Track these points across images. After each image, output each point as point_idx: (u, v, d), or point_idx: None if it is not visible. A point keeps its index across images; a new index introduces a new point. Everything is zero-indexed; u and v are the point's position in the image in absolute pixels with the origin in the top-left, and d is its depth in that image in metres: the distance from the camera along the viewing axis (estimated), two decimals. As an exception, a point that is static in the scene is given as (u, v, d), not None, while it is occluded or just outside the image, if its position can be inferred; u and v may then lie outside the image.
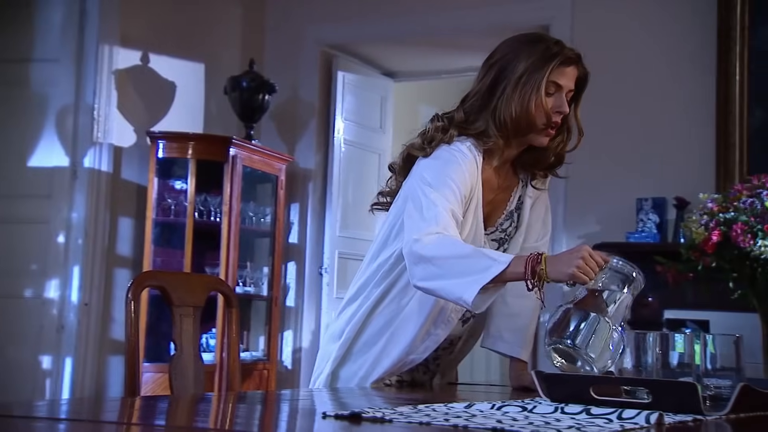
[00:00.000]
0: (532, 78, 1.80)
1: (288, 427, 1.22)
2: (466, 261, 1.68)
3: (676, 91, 4.01)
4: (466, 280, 1.65)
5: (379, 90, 5.17)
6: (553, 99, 1.83)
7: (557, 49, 1.84)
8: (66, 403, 2.26)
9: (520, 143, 1.89)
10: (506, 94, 1.81)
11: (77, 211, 4.05)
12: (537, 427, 1.05)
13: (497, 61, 1.84)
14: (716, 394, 1.43)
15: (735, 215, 2.78)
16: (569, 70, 1.85)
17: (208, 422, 1.29)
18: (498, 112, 1.82)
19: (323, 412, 1.15)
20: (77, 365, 3.98)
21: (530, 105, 1.80)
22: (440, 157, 1.81)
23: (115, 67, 4.15)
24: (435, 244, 1.70)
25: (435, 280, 1.69)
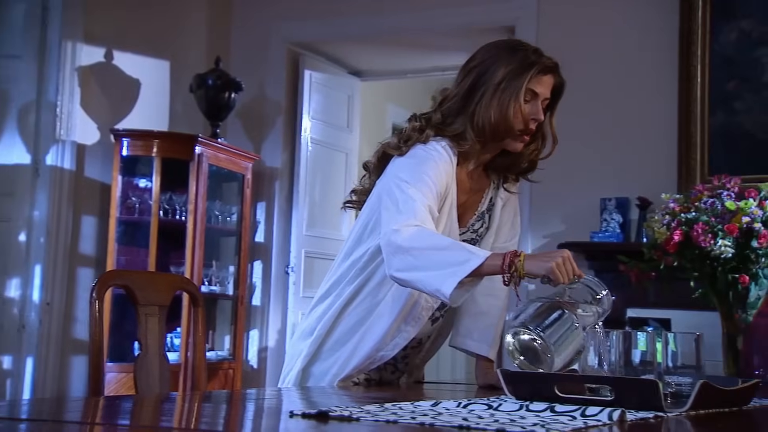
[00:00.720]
0: (511, 85, 1.82)
1: (254, 426, 1.22)
2: (445, 253, 1.69)
3: (639, 93, 4.07)
4: (444, 272, 1.66)
5: (346, 89, 5.17)
6: (529, 106, 1.86)
7: (536, 58, 1.87)
8: (27, 403, 2.23)
9: (495, 148, 1.91)
10: (485, 99, 1.83)
11: (39, 209, 4.00)
12: (502, 425, 1.06)
13: (476, 66, 1.87)
14: (677, 391, 1.46)
15: (696, 215, 2.83)
16: (546, 78, 1.88)
17: (172, 422, 1.28)
18: (476, 117, 1.84)
19: (290, 410, 1.15)
20: (38, 365, 3.93)
21: (508, 111, 1.83)
22: (416, 156, 1.82)
23: (78, 64, 4.10)
24: (413, 235, 1.70)
25: (412, 271, 1.69)
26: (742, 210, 2.40)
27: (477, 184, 1.95)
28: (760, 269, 2.36)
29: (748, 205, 2.39)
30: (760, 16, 3.84)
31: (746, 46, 3.84)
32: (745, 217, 2.37)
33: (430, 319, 1.93)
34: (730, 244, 2.38)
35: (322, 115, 4.95)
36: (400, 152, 1.85)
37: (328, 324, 1.90)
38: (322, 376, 1.90)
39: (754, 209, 2.38)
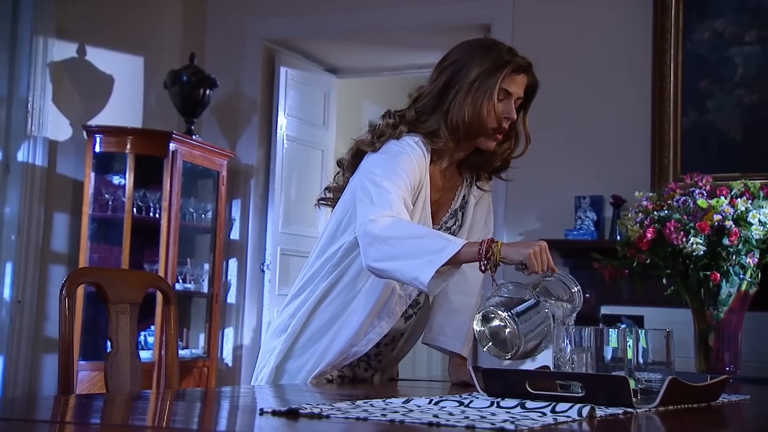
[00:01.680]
0: (484, 84, 1.83)
1: (227, 423, 1.21)
2: (421, 241, 1.69)
3: (613, 91, 4.09)
4: (421, 261, 1.66)
5: (322, 86, 5.16)
6: (502, 105, 1.87)
7: (510, 57, 1.88)
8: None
9: (468, 146, 1.92)
10: (459, 97, 1.84)
11: (10, 206, 3.95)
12: (472, 422, 1.06)
13: (451, 64, 1.88)
14: (647, 387, 1.47)
15: (668, 213, 2.85)
16: (520, 78, 1.89)
17: (145, 420, 1.27)
18: (450, 115, 1.85)
19: (261, 408, 1.14)
20: (9, 363, 3.88)
21: (482, 110, 1.84)
22: (389, 151, 1.83)
23: (50, 59, 4.06)
24: (389, 225, 1.70)
25: (389, 260, 1.69)
26: (714, 208, 2.42)
27: (450, 182, 1.96)
28: (731, 266, 2.39)
29: (719, 203, 2.42)
30: (732, 15, 3.88)
31: (718, 46, 3.88)
32: (716, 215, 2.40)
33: (404, 316, 1.93)
34: (702, 242, 2.40)
35: (298, 112, 4.94)
36: (373, 148, 1.85)
37: (301, 321, 1.89)
38: (297, 373, 1.89)
39: (726, 207, 2.40)
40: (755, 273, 2.36)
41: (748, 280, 2.36)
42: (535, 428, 1.04)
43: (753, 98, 3.82)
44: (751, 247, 2.33)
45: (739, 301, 2.41)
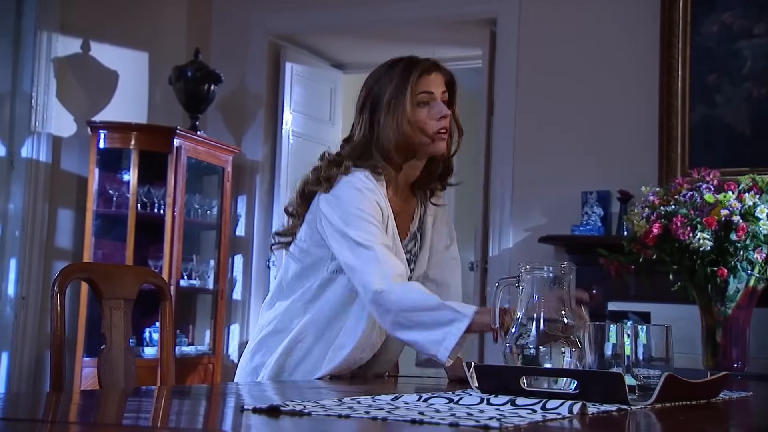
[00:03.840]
0: (399, 97, 1.85)
1: (203, 420, 1.18)
2: (432, 314, 1.72)
3: (620, 86, 4.04)
4: (436, 337, 1.70)
5: (328, 82, 5.13)
6: (430, 107, 1.87)
7: (412, 64, 1.89)
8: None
9: (418, 163, 1.92)
10: (383, 121, 1.85)
11: (14, 202, 3.94)
12: (457, 419, 1.03)
13: (367, 95, 1.90)
14: (645, 384, 1.43)
15: (675, 208, 2.81)
16: (433, 77, 1.89)
17: (133, 419, 1.25)
18: (380, 143, 1.85)
19: (242, 405, 1.11)
20: (14, 360, 3.88)
21: (403, 125, 1.84)
22: (343, 195, 1.82)
23: (54, 55, 4.05)
24: (399, 298, 1.73)
25: (406, 331, 1.74)
26: (721, 203, 2.38)
27: (405, 205, 1.96)
28: (739, 262, 2.35)
29: (727, 198, 2.38)
30: (740, 8, 3.82)
31: (727, 39, 3.82)
32: (723, 210, 2.36)
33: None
34: (709, 237, 2.36)
35: (303, 107, 4.91)
36: (324, 189, 1.85)
37: (282, 356, 1.90)
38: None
39: (733, 202, 2.36)
40: (763, 268, 2.32)
41: (756, 276, 2.32)
42: (521, 425, 1.00)
43: (762, 92, 3.76)
44: (758, 242, 2.30)
45: (747, 297, 2.38)
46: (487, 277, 4.17)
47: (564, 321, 1.48)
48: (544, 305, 1.50)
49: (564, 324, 1.47)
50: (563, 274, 1.50)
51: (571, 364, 1.43)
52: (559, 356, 1.43)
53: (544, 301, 1.51)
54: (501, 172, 4.20)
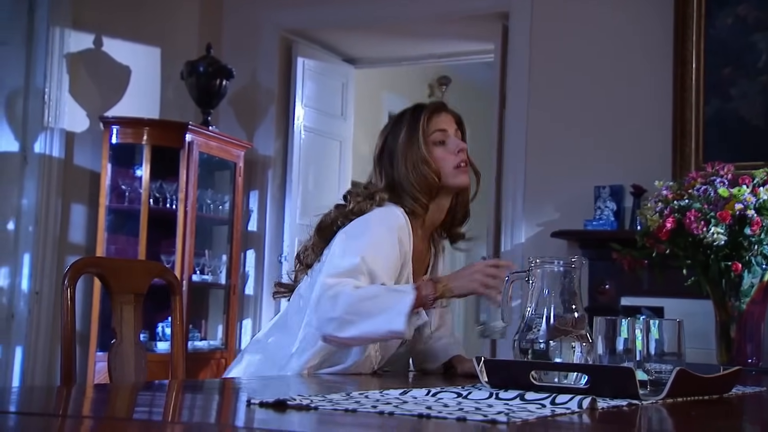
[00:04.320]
0: (413, 140, 1.87)
1: (209, 414, 1.18)
2: (378, 300, 1.71)
3: (634, 80, 4.01)
4: (388, 316, 1.69)
5: (340, 76, 5.12)
6: (446, 144, 1.90)
7: (421, 107, 1.94)
8: None
9: (441, 203, 1.92)
10: (400, 168, 1.88)
11: (28, 197, 3.96)
12: (465, 413, 1.02)
13: (383, 147, 1.93)
14: (656, 378, 1.42)
15: (689, 202, 2.78)
16: (443, 116, 1.93)
17: (136, 412, 1.24)
18: (404, 186, 1.87)
19: (248, 399, 1.11)
20: (28, 354, 3.90)
21: (420, 166, 1.86)
22: (371, 217, 1.82)
23: (66, 51, 4.06)
24: (336, 299, 1.70)
25: (355, 326, 1.70)
26: (735, 197, 2.36)
27: (425, 252, 1.97)
28: (753, 256, 2.33)
29: (741, 192, 2.36)
30: (755, 1, 3.78)
31: (742, 32, 3.78)
32: (738, 204, 2.34)
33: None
34: (723, 232, 2.34)
35: (315, 102, 4.91)
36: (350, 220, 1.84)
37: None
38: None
39: (748, 196, 2.34)
40: (777, 263, 2.29)
41: (771, 271, 2.30)
42: (529, 420, 0.99)
43: (778, 85, 3.72)
44: (773, 236, 2.27)
45: (762, 292, 2.36)
46: (500, 272, 4.15)
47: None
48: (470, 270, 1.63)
49: (575, 318, 1.45)
50: (574, 268, 1.48)
51: (581, 359, 1.41)
52: (569, 351, 1.42)
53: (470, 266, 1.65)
54: (513, 167, 4.18)
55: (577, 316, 1.46)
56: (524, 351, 1.42)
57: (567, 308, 1.46)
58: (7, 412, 1.12)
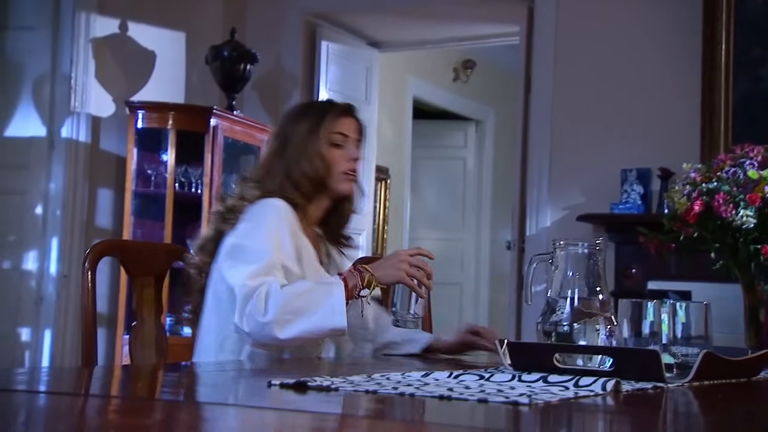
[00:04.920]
0: (314, 134, 1.86)
1: (233, 395, 1.18)
2: (309, 296, 1.66)
3: (661, 61, 3.95)
4: (324, 312, 1.64)
5: (364, 60, 5.10)
6: (344, 149, 1.88)
7: (329, 106, 1.95)
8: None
9: (320, 203, 1.89)
10: (294, 156, 1.85)
11: (55, 182, 4.00)
12: (487, 395, 1.01)
13: (280, 131, 1.91)
14: (683, 362, 1.40)
15: (717, 185, 2.74)
16: (349, 120, 1.91)
17: (153, 391, 1.25)
18: (291, 174, 1.84)
19: (269, 380, 1.11)
20: (57, 337, 3.94)
21: (315, 160, 1.84)
22: (253, 213, 1.78)
23: (92, 36, 4.07)
24: (266, 302, 1.64)
25: (293, 325, 1.64)
26: (765, 179, 2.32)
27: (315, 245, 1.91)
28: (783, 240, 2.29)
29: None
30: (788, -21, 3.70)
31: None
32: (767, 187, 2.29)
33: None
34: (752, 214, 2.30)
35: (339, 87, 4.89)
36: (231, 225, 1.79)
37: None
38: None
39: (778, 178, 2.29)
40: (808, 246, 2.25)
41: (801, 254, 2.26)
42: (552, 402, 0.98)
43: (809, 65, 3.65)
44: (803, 219, 2.23)
45: (792, 276, 2.32)
46: (524, 256, 4.13)
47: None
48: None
49: (599, 300, 1.43)
50: (598, 250, 1.46)
51: (606, 342, 1.40)
52: (593, 333, 1.40)
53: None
54: (538, 150, 4.14)
55: (602, 298, 1.44)
56: (548, 333, 1.41)
57: (591, 291, 1.44)
58: (8, 390, 1.13)
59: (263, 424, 0.90)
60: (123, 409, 1.01)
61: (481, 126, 6.91)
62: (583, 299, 1.43)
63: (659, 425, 0.98)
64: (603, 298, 1.44)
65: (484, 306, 6.87)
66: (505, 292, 4.78)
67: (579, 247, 1.46)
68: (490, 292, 6.85)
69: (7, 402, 1.02)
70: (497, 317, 6.50)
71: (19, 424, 0.88)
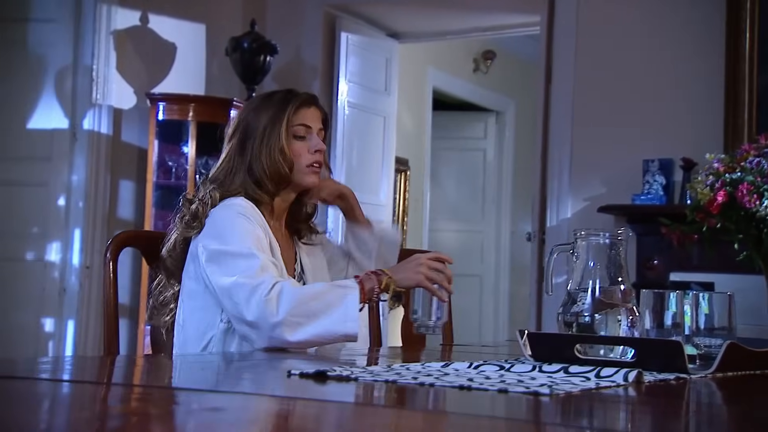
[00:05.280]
0: (275, 127, 1.81)
1: (251, 384, 1.18)
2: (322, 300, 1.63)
3: (685, 50, 3.91)
4: (337, 317, 1.61)
5: (384, 51, 5.09)
6: (307, 140, 1.83)
7: (291, 96, 1.86)
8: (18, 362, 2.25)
9: (287, 196, 1.86)
10: (255, 150, 1.80)
11: (77, 173, 4.03)
12: (507, 385, 1.00)
13: (239, 123, 1.85)
14: (706, 353, 1.38)
15: (741, 175, 2.71)
16: (311, 111, 1.86)
17: (163, 381, 1.26)
18: (252, 170, 1.80)
19: (288, 370, 1.11)
20: (79, 328, 3.98)
21: (275, 154, 1.80)
22: (218, 218, 1.73)
23: (113, 28, 4.10)
24: (278, 302, 1.61)
25: (304, 328, 1.61)
26: (789, 169, 2.29)
27: (287, 243, 1.89)
28: (808, 231, 2.26)
29: (795, 163, 2.29)
30: (814, -34, 3.64)
31: (799, -1, 3.65)
32: (792, 177, 2.27)
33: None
34: (776, 205, 2.27)
35: (359, 78, 4.88)
36: (196, 230, 1.75)
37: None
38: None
39: (803, 168, 2.27)
40: (833, 237, 2.22)
41: (826, 245, 2.23)
42: (573, 393, 0.97)
43: (836, 53, 3.59)
44: (829, 209, 2.20)
45: (816, 267, 2.29)
46: (545, 247, 4.11)
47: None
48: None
49: (620, 291, 1.42)
50: (620, 240, 1.45)
51: (627, 333, 1.38)
52: (614, 324, 1.39)
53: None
54: (559, 141, 4.12)
55: (624, 288, 1.43)
56: (568, 324, 1.40)
57: (613, 281, 1.43)
58: (12, 377, 1.14)
59: (284, 414, 0.91)
60: (144, 397, 1.02)
61: (501, 117, 6.88)
62: (605, 290, 1.42)
63: (682, 416, 0.98)
64: (625, 289, 1.43)
65: (505, 298, 6.86)
66: (526, 283, 4.76)
67: (600, 237, 1.44)
68: (511, 284, 6.83)
69: (30, 390, 1.03)
70: (518, 309, 6.48)
71: (43, 412, 0.89)
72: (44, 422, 0.83)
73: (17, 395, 0.97)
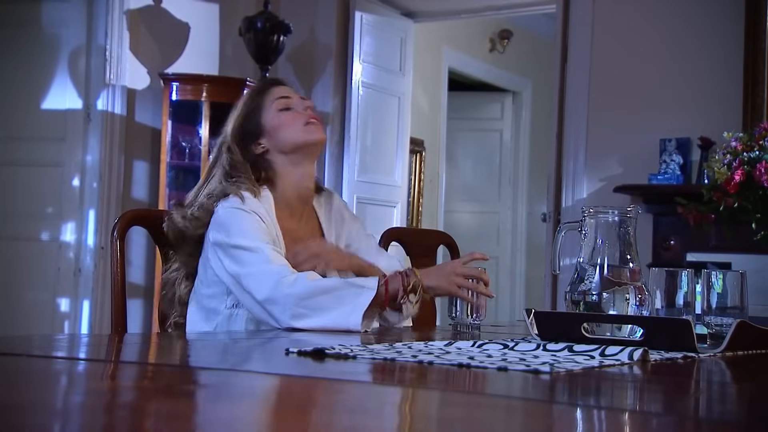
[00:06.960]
0: (259, 111, 1.85)
1: (248, 362, 1.17)
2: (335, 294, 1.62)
3: (703, 28, 3.84)
4: (342, 312, 1.60)
5: (399, 31, 5.04)
6: (293, 108, 1.86)
7: (257, 87, 2.00)
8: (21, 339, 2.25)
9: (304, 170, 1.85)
10: (254, 137, 1.85)
11: (91, 154, 4.03)
12: (507, 363, 0.98)
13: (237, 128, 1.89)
14: (716, 332, 1.36)
15: (759, 154, 2.67)
16: (279, 88, 1.92)
17: (167, 358, 1.25)
18: (258, 156, 1.83)
19: (287, 348, 1.09)
20: (95, 307, 4.00)
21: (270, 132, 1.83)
22: (222, 217, 1.73)
23: (127, 8, 4.08)
24: (292, 288, 1.61)
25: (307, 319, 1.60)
26: (808, 147, 2.24)
27: (307, 225, 1.87)
28: (826, 210, 2.22)
29: (814, 141, 2.24)
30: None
31: (821, -27, 3.57)
32: (811, 155, 2.22)
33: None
34: (795, 184, 2.23)
35: (373, 58, 4.85)
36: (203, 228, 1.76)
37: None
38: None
39: (822, 146, 2.22)
40: None
41: None
42: (574, 371, 0.95)
43: None
44: None
45: (834, 247, 2.25)
46: (561, 228, 4.08)
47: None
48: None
49: (629, 269, 1.40)
50: (629, 218, 1.42)
51: (636, 312, 1.36)
52: (623, 303, 1.36)
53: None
54: (575, 120, 4.07)
55: (632, 267, 1.40)
56: (576, 303, 1.38)
57: (622, 259, 1.40)
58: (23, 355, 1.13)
59: (283, 391, 0.89)
60: (150, 374, 1.01)
61: (518, 97, 6.81)
62: (613, 267, 1.39)
63: (686, 394, 0.95)
64: (634, 267, 1.40)
65: (521, 279, 6.82)
66: (542, 265, 4.73)
67: (609, 215, 1.42)
68: (527, 266, 6.79)
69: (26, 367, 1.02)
70: (534, 290, 6.45)
71: (46, 389, 0.88)
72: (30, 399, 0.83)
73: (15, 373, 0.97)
